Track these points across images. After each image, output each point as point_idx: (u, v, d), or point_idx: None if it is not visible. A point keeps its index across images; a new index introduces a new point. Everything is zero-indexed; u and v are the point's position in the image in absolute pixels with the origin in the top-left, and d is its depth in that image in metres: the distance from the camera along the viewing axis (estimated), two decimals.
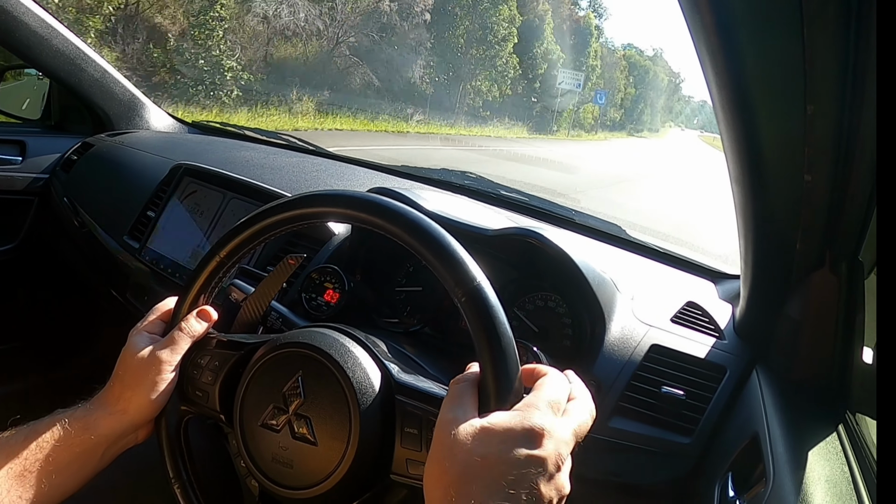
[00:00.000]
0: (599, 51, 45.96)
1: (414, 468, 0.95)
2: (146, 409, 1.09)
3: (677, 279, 1.89)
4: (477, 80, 28.83)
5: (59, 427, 1.04)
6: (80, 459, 1.05)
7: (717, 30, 0.84)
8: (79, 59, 2.69)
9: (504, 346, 0.87)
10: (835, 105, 0.89)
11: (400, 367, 1.05)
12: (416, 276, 1.75)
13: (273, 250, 1.90)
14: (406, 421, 0.97)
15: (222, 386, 1.10)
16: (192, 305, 1.15)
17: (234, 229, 1.10)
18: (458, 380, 0.90)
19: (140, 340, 1.13)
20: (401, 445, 0.96)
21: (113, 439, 1.08)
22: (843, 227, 1.08)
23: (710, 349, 1.48)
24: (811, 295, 1.23)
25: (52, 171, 2.88)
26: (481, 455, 0.79)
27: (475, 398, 0.87)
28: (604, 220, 2.25)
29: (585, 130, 46.35)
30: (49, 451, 1.02)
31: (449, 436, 0.82)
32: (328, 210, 1.02)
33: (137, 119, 3.11)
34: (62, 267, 2.99)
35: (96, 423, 1.06)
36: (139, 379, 1.09)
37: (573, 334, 1.55)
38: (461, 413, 0.84)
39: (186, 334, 1.13)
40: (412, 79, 24.53)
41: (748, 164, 1.05)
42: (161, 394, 1.09)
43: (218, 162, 2.37)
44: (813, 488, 0.96)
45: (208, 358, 1.12)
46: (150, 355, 1.10)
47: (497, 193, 2.45)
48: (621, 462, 1.37)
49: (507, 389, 0.86)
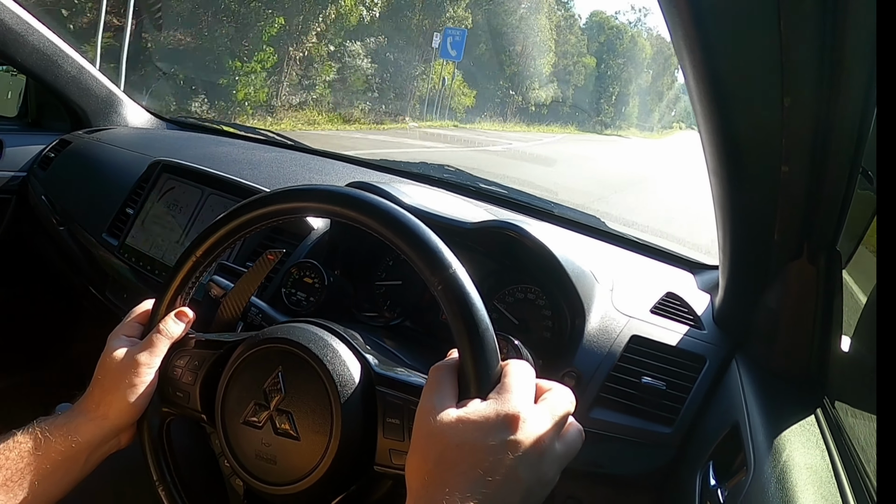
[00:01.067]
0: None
1: (397, 458, 0.95)
2: (127, 414, 1.09)
3: (656, 270, 1.90)
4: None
5: (40, 435, 1.04)
6: (62, 467, 1.05)
7: (694, 22, 0.84)
8: (55, 55, 2.67)
9: (482, 332, 0.87)
10: (811, 97, 0.89)
11: (379, 358, 1.05)
12: (396, 270, 1.75)
13: (252, 246, 1.90)
14: (388, 411, 0.97)
15: (203, 386, 1.10)
16: (169, 306, 1.15)
17: (209, 227, 1.10)
18: (438, 367, 0.90)
19: (118, 344, 1.13)
20: (383, 436, 0.96)
21: (95, 445, 1.08)
22: (821, 218, 1.08)
23: (690, 339, 1.49)
24: (789, 285, 1.23)
25: (29, 169, 2.85)
26: (458, 443, 0.80)
27: (454, 386, 0.87)
28: (583, 213, 2.26)
29: (461, 121, 27.48)
30: (31, 459, 1.01)
31: (427, 425, 0.83)
32: (304, 205, 1.02)
33: (115, 115, 3.09)
34: (41, 265, 2.97)
35: (77, 430, 1.06)
36: (118, 383, 1.09)
37: (553, 326, 1.55)
38: (439, 402, 0.84)
39: (164, 336, 1.13)
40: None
41: (726, 155, 1.06)
42: (141, 397, 1.09)
43: (196, 158, 2.36)
44: (793, 475, 0.97)
45: (187, 358, 1.12)
46: (129, 359, 1.10)
47: (476, 186, 2.45)
48: (603, 453, 1.38)
49: (485, 375, 0.86)
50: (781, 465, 1.00)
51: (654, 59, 49.39)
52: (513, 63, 29.60)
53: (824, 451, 1.05)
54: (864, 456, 1.00)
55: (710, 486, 1.14)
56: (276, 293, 1.64)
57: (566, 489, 1.40)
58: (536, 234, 1.47)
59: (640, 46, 47.37)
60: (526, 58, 29.82)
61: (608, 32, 45.53)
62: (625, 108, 44.21)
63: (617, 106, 42.97)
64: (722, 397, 1.35)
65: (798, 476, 0.97)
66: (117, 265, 2.25)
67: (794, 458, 1.01)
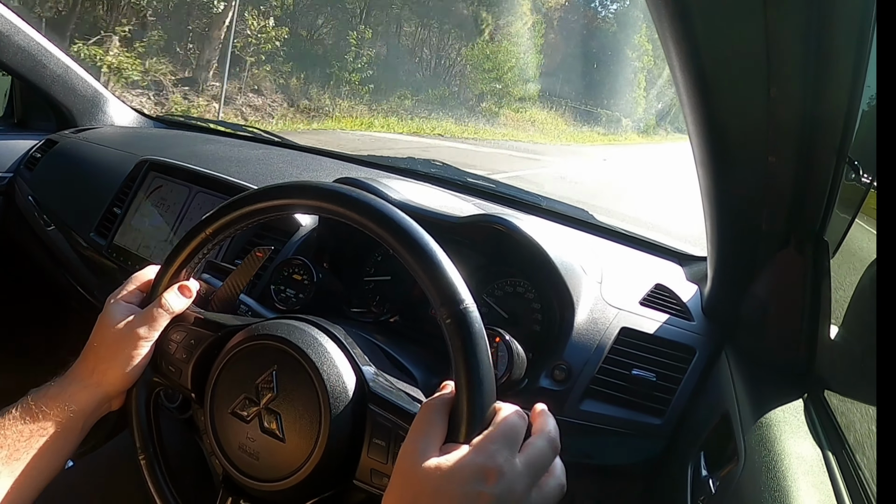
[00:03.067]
0: None
1: (377, 479, 0.95)
2: (120, 382, 1.10)
3: (645, 262, 1.90)
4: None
5: (37, 408, 1.04)
6: (61, 437, 1.05)
7: (680, 14, 0.84)
8: (41, 55, 2.66)
9: (482, 374, 0.86)
10: (797, 88, 0.90)
11: (376, 371, 1.05)
12: (384, 265, 1.75)
13: (241, 244, 1.89)
14: (375, 432, 0.96)
15: (196, 365, 1.10)
16: (173, 278, 1.15)
17: (225, 206, 1.09)
18: (430, 404, 0.89)
19: (117, 311, 1.13)
20: (367, 455, 0.96)
21: (90, 412, 1.09)
22: (808, 208, 1.09)
23: (679, 330, 1.49)
24: (777, 275, 1.24)
25: (15, 170, 2.84)
26: (432, 490, 0.80)
27: (443, 427, 0.87)
28: (571, 206, 2.26)
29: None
30: (30, 433, 1.02)
31: (408, 467, 0.83)
32: (321, 205, 1.00)
33: (101, 114, 3.09)
34: (29, 266, 2.96)
35: (72, 398, 1.07)
36: (114, 352, 1.09)
37: (543, 319, 1.55)
38: (424, 445, 0.84)
39: (165, 310, 1.13)
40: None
41: (713, 146, 1.06)
42: (135, 368, 1.09)
43: (183, 156, 2.35)
44: (784, 464, 0.97)
45: (185, 335, 1.12)
46: (127, 329, 1.10)
47: (464, 181, 2.46)
48: (594, 444, 1.38)
49: (477, 419, 0.86)
50: (772, 453, 1.00)
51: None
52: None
53: (814, 438, 1.05)
54: (853, 443, 1.00)
55: (701, 475, 1.14)
56: (266, 290, 1.63)
57: None
58: (525, 227, 1.47)
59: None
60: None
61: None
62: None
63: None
64: (712, 388, 1.36)
65: (789, 464, 0.97)
66: (106, 265, 2.25)
67: (784, 446, 1.01)
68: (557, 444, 0.92)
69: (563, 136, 27.58)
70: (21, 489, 1.00)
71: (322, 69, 19.62)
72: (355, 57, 20.05)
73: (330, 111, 18.89)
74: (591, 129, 31.17)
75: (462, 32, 25.35)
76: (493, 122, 25.17)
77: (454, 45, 25.40)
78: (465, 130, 23.01)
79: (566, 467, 0.93)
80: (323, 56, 20.14)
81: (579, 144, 27.11)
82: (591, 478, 1.44)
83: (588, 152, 24.68)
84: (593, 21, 33.59)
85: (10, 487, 0.99)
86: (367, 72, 20.46)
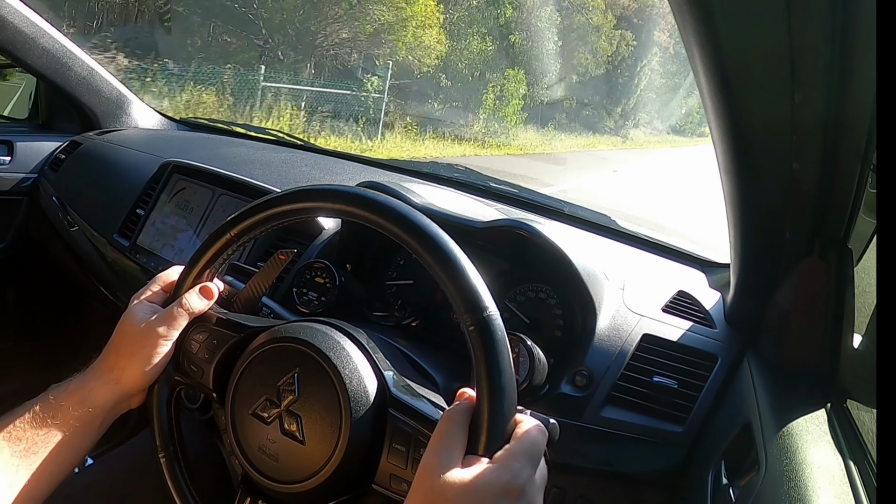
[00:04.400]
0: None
1: (396, 483, 0.95)
2: (139, 380, 1.11)
3: (667, 269, 1.90)
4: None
5: (56, 403, 1.05)
6: (79, 433, 1.06)
7: (704, 19, 0.84)
8: (66, 57, 2.68)
9: (504, 383, 0.86)
10: (821, 93, 0.89)
11: (397, 375, 1.05)
12: (407, 269, 1.75)
13: (263, 246, 1.90)
14: (396, 436, 0.96)
15: (218, 365, 1.10)
16: (196, 279, 1.16)
17: (251, 208, 1.10)
18: (450, 416, 0.88)
19: (140, 311, 1.14)
20: (387, 460, 0.96)
21: (108, 409, 1.09)
22: (832, 215, 1.08)
23: (701, 338, 1.48)
24: (800, 282, 1.23)
25: (40, 171, 2.87)
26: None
27: (463, 440, 0.86)
28: (594, 211, 2.25)
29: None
30: (49, 428, 1.03)
31: (429, 480, 0.83)
32: (347, 209, 1.00)
33: (125, 117, 3.11)
34: (52, 266, 2.98)
35: (91, 395, 1.08)
36: (134, 351, 1.10)
37: (564, 325, 1.55)
38: (445, 458, 0.83)
39: (186, 311, 1.13)
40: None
41: (736, 153, 1.06)
42: (155, 367, 1.10)
43: (206, 158, 2.36)
44: (805, 474, 0.96)
45: (206, 335, 1.13)
46: (148, 328, 1.11)
47: (487, 186, 2.46)
48: (614, 451, 1.38)
49: (498, 432, 0.86)
50: (793, 463, 1.00)
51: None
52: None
53: (836, 450, 1.04)
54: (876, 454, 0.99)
55: (721, 484, 1.14)
56: (288, 293, 1.64)
57: (577, 488, 1.39)
58: (547, 233, 1.47)
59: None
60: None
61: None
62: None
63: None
64: (733, 396, 1.35)
65: (810, 474, 0.96)
66: (128, 266, 2.26)
67: (806, 456, 1.01)
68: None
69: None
70: (39, 483, 1.01)
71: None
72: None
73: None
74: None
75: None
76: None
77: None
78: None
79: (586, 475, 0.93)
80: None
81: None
82: (611, 486, 1.43)
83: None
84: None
85: (27, 481, 1.00)
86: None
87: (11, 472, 0.99)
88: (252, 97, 14.71)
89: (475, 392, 0.88)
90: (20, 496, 0.99)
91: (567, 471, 1.36)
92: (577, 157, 20.11)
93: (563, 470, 1.35)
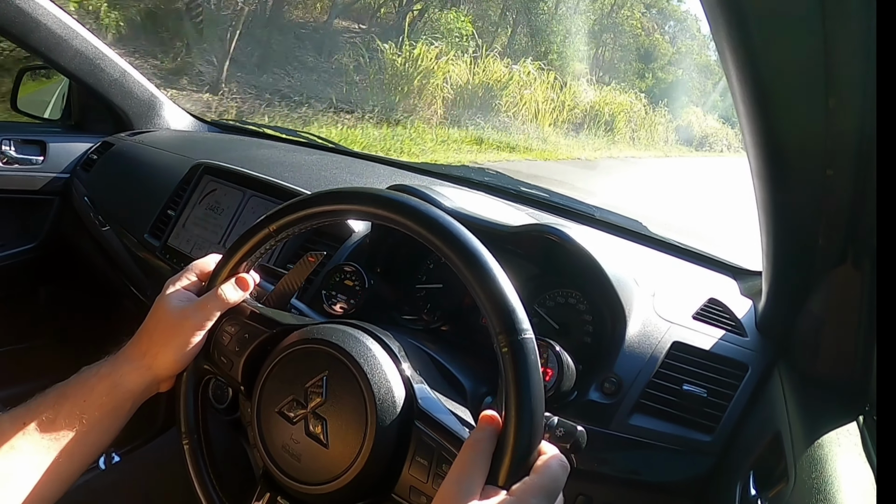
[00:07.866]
0: None
1: (416, 496, 0.95)
2: (170, 367, 1.12)
3: (699, 275, 1.88)
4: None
5: (87, 387, 1.07)
6: (110, 416, 1.08)
7: (738, 24, 0.83)
8: (98, 59, 2.71)
9: (533, 411, 0.85)
10: (856, 99, 0.88)
11: (426, 387, 1.04)
12: (436, 273, 1.75)
13: (293, 248, 1.91)
14: (420, 449, 0.96)
15: (247, 359, 1.11)
16: (232, 270, 1.17)
17: (291, 205, 1.10)
18: (473, 444, 0.87)
19: (175, 298, 1.15)
20: (409, 471, 0.96)
21: (138, 393, 1.11)
22: (865, 223, 1.07)
23: (732, 346, 1.47)
24: (833, 291, 1.22)
25: (72, 171, 2.91)
26: None
27: (484, 469, 0.85)
28: (624, 217, 2.25)
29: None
30: (81, 411, 1.05)
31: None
32: (389, 215, 1.00)
33: (157, 118, 3.14)
34: (83, 265, 3.01)
35: (122, 379, 1.09)
36: (167, 338, 1.12)
37: (594, 331, 1.54)
38: (466, 487, 0.83)
39: (221, 301, 1.14)
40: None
41: (769, 158, 1.05)
42: (186, 354, 1.12)
43: (237, 160, 2.38)
44: (835, 486, 0.95)
45: (239, 328, 1.14)
46: (183, 316, 1.12)
47: (517, 190, 2.46)
48: (642, 460, 1.37)
49: (520, 466, 0.85)
50: (823, 475, 0.99)
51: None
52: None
53: (867, 463, 1.03)
54: None
55: (750, 495, 1.13)
56: (316, 295, 1.64)
57: (604, 496, 1.39)
58: (578, 238, 1.46)
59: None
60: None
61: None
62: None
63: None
64: (764, 405, 1.34)
65: (840, 486, 0.96)
66: (159, 266, 2.28)
67: (836, 468, 1.00)
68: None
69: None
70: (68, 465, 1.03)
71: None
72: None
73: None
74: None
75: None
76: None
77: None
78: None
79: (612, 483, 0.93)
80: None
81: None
82: (638, 494, 1.42)
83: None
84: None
85: (56, 462, 1.01)
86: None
87: (42, 453, 1.00)
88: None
89: (501, 414, 0.87)
90: (49, 477, 1.01)
91: (594, 478, 1.36)
92: (608, 164, 19.80)
93: (590, 477, 1.35)
